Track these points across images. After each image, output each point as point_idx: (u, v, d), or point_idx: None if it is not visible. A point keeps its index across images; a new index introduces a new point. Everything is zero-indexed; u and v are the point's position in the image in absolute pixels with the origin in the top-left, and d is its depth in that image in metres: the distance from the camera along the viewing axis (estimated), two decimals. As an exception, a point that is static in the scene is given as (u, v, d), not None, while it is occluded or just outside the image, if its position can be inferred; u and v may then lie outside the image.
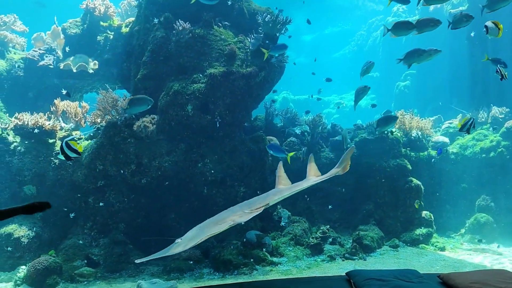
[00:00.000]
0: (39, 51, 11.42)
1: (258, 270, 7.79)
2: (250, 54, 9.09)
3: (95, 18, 11.46)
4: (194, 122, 8.69)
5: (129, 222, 8.49)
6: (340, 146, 10.79)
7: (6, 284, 7.37)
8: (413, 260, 8.43)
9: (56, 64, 11.22)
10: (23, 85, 11.34)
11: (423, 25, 7.16)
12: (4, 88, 11.16)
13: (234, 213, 4.94)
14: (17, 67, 11.37)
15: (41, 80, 11.30)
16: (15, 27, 12.25)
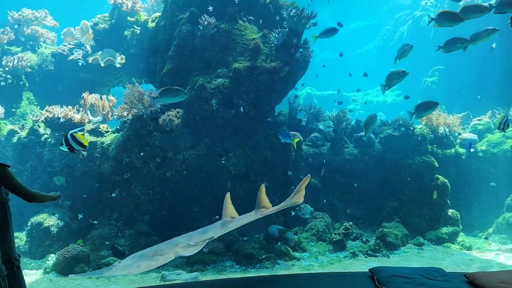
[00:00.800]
0: (68, 46, 11.73)
1: (280, 264, 7.81)
2: (275, 48, 9.07)
3: (122, 13, 11.67)
4: (218, 116, 8.75)
5: (154, 214, 8.64)
6: (365, 143, 10.67)
7: (36, 271, 7.64)
8: (438, 259, 8.29)
9: (84, 58, 11.49)
10: (53, 79, 11.69)
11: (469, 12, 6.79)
12: (36, 81, 11.53)
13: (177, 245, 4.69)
14: (48, 62, 11.71)
15: (70, 74, 11.61)
16: (46, 22, 12.61)
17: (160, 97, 7.61)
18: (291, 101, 11.51)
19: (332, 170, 10.40)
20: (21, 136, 9.33)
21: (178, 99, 7.80)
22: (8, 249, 2.78)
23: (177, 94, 7.62)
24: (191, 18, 9.27)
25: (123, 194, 8.64)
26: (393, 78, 7.92)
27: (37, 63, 11.68)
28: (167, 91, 7.64)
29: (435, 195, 9.63)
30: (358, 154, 10.55)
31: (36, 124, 9.43)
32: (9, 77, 10.81)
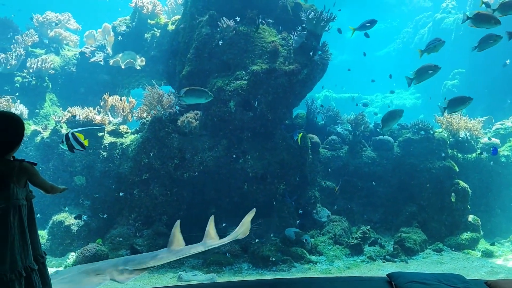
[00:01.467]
0: (90, 48, 11.97)
1: (297, 267, 7.79)
2: (293, 51, 9.07)
3: (143, 16, 11.85)
4: (236, 118, 8.79)
5: (171, 215, 8.71)
6: (384, 146, 10.57)
7: (57, 269, 7.79)
8: (458, 265, 8.14)
9: (106, 60, 11.70)
10: (75, 81, 11.95)
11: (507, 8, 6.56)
12: (58, 83, 11.80)
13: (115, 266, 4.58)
14: (70, 64, 11.97)
15: (92, 76, 11.84)
16: (69, 25, 12.90)
17: (185, 96, 7.67)
18: (309, 103, 11.49)
19: (350, 174, 10.33)
20: (44, 136, 9.55)
21: (202, 100, 7.89)
22: (34, 246, 2.85)
23: (201, 95, 7.71)
24: (211, 21, 9.35)
25: (141, 194, 8.75)
26: (425, 72, 7.49)
27: (60, 65, 11.95)
28: (192, 91, 7.70)
29: (453, 198, 9.45)
30: (377, 158, 10.45)
31: (58, 125, 9.64)
32: (33, 78, 11.09)
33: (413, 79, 7.59)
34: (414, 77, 7.57)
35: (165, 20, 12.08)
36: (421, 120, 10.98)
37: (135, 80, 12.09)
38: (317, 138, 10.31)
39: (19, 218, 2.71)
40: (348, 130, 11.19)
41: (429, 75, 7.47)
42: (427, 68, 7.41)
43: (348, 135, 11.01)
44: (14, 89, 10.86)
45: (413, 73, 7.62)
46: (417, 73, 7.56)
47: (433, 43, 7.52)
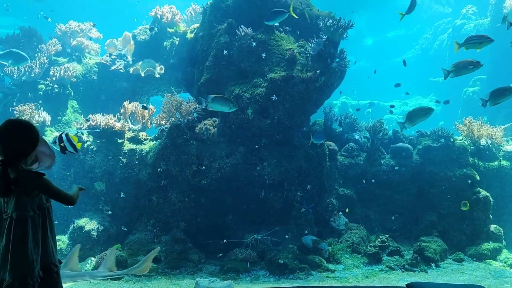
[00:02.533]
0: (111, 56, 12.20)
1: (314, 275, 7.74)
2: (311, 58, 9.08)
3: (162, 25, 12.05)
4: (254, 125, 8.84)
5: (189, 221, 8.79)
6: (403, 154, 10.45)
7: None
8: (479, 276, 7.96)
9: (126, 68, 11.92)
10: (96, 88, 12.20)
11: None
12: (80, 91, 12.06)
13: None
14: (91, 72, 12.23)
15: (112, 84, 12.07)
16: (91, 34, 13.19)
17: (212, 103, 7.82)
18: (326, 110, 11.46)
19: (368, 181, 10.24)
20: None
21: (226, 109, 7.97)
22: (47, 255, 2.87)
23: (227, 104, 7.86)
24: (229, 29, 9.45)
25: (159, 200, 8.84)
26: (465, 67, 7.02)
27: (82, 73, 12.23)
28: (219, 99, 7.84)
29: (466, 206, 9.21)
30: (395, 165, 10.34)
31: (79, 132, 9.84)
32: (56, 86, 11.36)
33: (451, 72, 7.19)
34: (452, 70, 7.18)
35: (184, 28, 12.24)
36: (440, 127, 10.83)
37: (154, 88, 12.27)
38: (334, 146, 10.26)
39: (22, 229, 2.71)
40: (366, 137, 11.11)
41: (469, 70, 7.02)
42: (468, 63, 6.97)
43: (366, 142, 10.93)
44: (38, 96, 11.14)
45: (452, 66, 7.22)
46: (456, 66, 7.16)
47: (478, 39, 6.89)
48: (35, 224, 2.77)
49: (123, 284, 7.36)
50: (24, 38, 12.03)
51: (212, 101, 7.86)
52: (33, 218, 2.75)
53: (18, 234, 2.70)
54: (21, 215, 2.71)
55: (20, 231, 2.70)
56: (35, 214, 2.75)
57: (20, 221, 2.71)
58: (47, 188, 2.78)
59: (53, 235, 2.95)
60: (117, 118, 9.89)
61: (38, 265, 2.77)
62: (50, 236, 2.90)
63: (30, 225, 2.73)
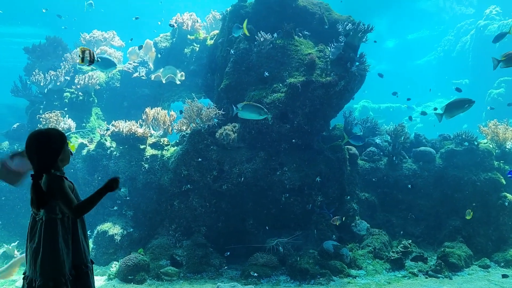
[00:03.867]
0: (133, 64, 12.46)
1: (336, 281, 7.69)
2: (330, 63, 9.07)
3: (183, 32, 12.24)
4: (274, 130, 8.87)
5: (210, 226, 8.86)
6: (425, 158, 10.30)
7: (101, 277, 8.07)
8: (506, 282, 7.76)
9: (147, 75, 12.15)
10: (119, 95, 12.45)
11: None
12: (103, 98, 12.33)
13: None
14: (114, 79, 12.50)
15: (134, 90, 12.31)
16: (114, 42, 13.50)
17: (242, 111, 7.86)
18: (346, 115, 11.40)
19: (390, 186, 10.13)
20: (90, 149, 10.00)
21: (257, 116, 7.98)
22: (78, 255, 2.96)
23: (257, 111, 7.85)
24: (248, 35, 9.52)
25: (181, 205, 8.95)
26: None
27: (105, 81, 12.51)
28: (250, 106, 7.84)
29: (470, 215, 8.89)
30: (417, 170, 10.19)
31: (103, 138, 10.06)
32: (81, 94, 11.66)
33: (501, 62, 7.04)
34: (503, 60, 7.01)
35: (204, 35, 12.41)
36: (464, 130, 10.63)
37: (175, 94, 12.45)
38: (355, 150, 10.19)
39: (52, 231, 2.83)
40: (387, 141, 10.99)
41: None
42: None
43: (387, 146, 10.82)
44: (63, 104, 11.45)
45: (503, 56, 7.06)
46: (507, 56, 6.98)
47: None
48: (65, 226, 2.87)
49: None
50: (50, 47, 12.40)
51: (243, 108, 7.85)
52: (63, 220, 2.86)
53: (48, 236, 2.82)
54: (50, 217, 2.83)
55: (50, 233, 2.82)
56: (64, 217, 2.86)
57: (50, 223, 2.83)
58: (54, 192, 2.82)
59: (85, 236, 3.06)
60: (139, 124, 10.07)
61: (69, 265, 2.87)
62: (82, 237, 3.01)
63: (60, 227, 2.84)
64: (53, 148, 2.89)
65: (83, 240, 3.02)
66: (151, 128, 10.33)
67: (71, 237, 2.91)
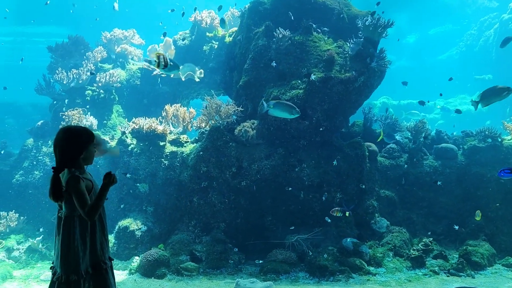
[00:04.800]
0: (153, 62, 12.58)
1: (355, 278, 7.65)
2: (349, 59, 8.99)
3: (201, 30, 12.31)
4: (292, 127, 8.85)
5: (229, 222, 8.92)
6: (447, 154, 10.12)
7: (122, 271, 8.22)
8: (531, 283, 7.58)
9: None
10: (139, 93, 12.62)
11: None
12: (124, 95, 12.52)
13: None
14: (135, 77, 12.67)
15: (154, 88, 12.45)
16: (134, 41, 13.68)
17: (273, 108, 7.84)
18: (365, 111, 11.29)
19: (410, 183, 10.00)
20: (111, 146, 10.16)
21: (287, 115, 7.93)
22: (95, 253, 3.00)
23: (288, 110, 7.80)
24: (266, 32, 9.52)
25: (200, 202, 9.02)
26: None
27: (126, 78, 12.70)
28: (280, 105, 7.80)
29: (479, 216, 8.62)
30: (439, 167, 10.03)
31: (124, 135, 10.22)
32: (102, 91, 11.86)
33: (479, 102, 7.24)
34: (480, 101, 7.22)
35: (223, 32, 12.45)
36: (487, 126, 10.40)
37: (194, 91, 12.55)
38: (374, 146, 10.09)
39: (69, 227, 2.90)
40: (408, 138, 10.85)
41: None
42: None
43: (407, 143, 10.67)
44: (85, 101, 11.68)
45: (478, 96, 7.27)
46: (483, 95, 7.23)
47: None
48: (83, 224, 2.93)
49: (165, 283, 7.58)
50: (72, 46, 12.64)
51: (274, 106, 7.81)
52: (81, 218, 2.92)
53: (65, 232, 2.89)
54: (68, 214, 2.91)
55: (68, 229, 2.89)
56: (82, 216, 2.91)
57: (68, 220, 2.90)
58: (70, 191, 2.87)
59: (105, 234, 3.11)
60: (159, 122, 10.19)
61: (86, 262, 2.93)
62: (100, 235, 3.05)
63: (77, 224, 2.91)
64: (76, 145, 2.96)
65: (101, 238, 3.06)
66: (170, 125, 10.43)
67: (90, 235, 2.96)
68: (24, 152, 11.54)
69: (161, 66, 6.29)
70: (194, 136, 10.36)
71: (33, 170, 11.06)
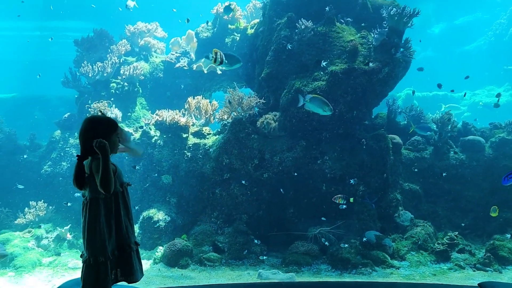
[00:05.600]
0: (175, 54, 12.69)
1: (378, 271, 7.59)
2: (373, 49, 8.84)
3: (224, 22, 12.30)
4: (315, 119, 8.78)
5: (251, 214, 8.96)
6: (474, 147, 9.87)
7: (147, 261, 8.39)
8: (562, 279, 7.35)
9: (189, 65, 12.34)
10: (162, 85, 12.75)
11: None
12: (147, 88, 12.68)
13: None
14: (158, 69, 12.81)
15: (177, 80, 12.55)
16: (157, 33, 13.80)
17: (309, 102, 7.79)
18: (389, 103, 11.10)
19: (436, 176, 9.80)
20: (135, 138, 10.33)
21: (320, 111, 7.84)
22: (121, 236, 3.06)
23: (322, 106, 7.71)
24: (289, 23, 9.45)
25: (222, 193, 9.09)
26: None
27: (149, 71, 12.84)
28: (316, 100, 7.72)
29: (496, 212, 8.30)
30: (465, 160, 9.80)
31: (147, 127, 10.36)
32: (126, 84, 12.04)
33: None
34: None
35: (245, 24, 12.41)
36: None
37: (217, 84, 12.58)
38: (398, 139, 9.92)
39: (94, 210, 2.96)
40: (433, 130, 10.61)
41: None
42: None
43: (433, 135, 10.45)
44: (110, 94, 11.88)
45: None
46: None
47: None
48: (108, 207, 3.00)
49: (189, 272, 7.69)
50: (97, 39, 12.84)
51: (310, 100, 7.75)
52: (106, 201, 2.98)
53: (91, 215, 2.98)
54: (93, 196, 2.99)
55: (93, 211, 2.97)
56: (106, 198, 2.98)
57: (93, 202, 2.98)
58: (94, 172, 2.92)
59: (129, 219, 3.17)
60: (181, 114, 10.27)
61: (112, 244, 3.00)
62: (125, 219, 3.12)
63: (102, 207, 2.98)
64: (96, 134, 3.00)
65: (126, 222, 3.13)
66: (193, 117, 10.51)
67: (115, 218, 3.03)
68: (52, 143, 11.86)
69: (217, 62, 6.70)
70: (216, 128, 10.42)
71: (60, 161, 11.35)
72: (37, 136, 12.65)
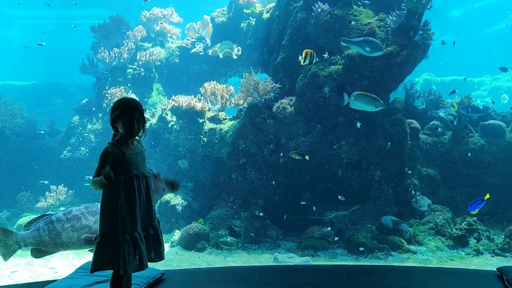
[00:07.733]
0: (191, 40, 12.69)
1: (394, 256, 7.57)
2: (391, 32, 8.68)
3: (239, 6, 12.21)
4: (331, 104, 8.72)
5: (267, 199, 9.00)
6: (494, 132, 9.68)
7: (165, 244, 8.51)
8: None
9: (205, 51, 12.33)
10: (178, 71, 12.79)
11: None
12: (163, 73, 12.73)
13: None
14: (174, 55, 12.84)
15: (193, 66, 12.57)
16: (172, 19, 13.79)
17: (354, 100, 7.46)
18: (407, 87, 10.92)
19: (454, 161, 9.66)
20: (152, 123, 10.43)
21: (371, 108, 7.51)
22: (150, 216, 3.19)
23: (372, 102, 7.37)
24: (305, 6, 9.33)
25: (238, 178, 9.14)
26: None
27: (165, 57, 12.88)
28: (362, 96, 7.39)
29: None
30: (485, 145, 9.62)
31: (164, 112, 10.44)
32: (142, 70, 12.10)
33: None
34: None
35: (260, 8, 12.30)
36: (540, 102, 9.83)
37: (232, 69, 12.56)
38: (416, 124, 9.78)
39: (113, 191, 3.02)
40: (452, 114, 10.43)
41: None
42: None
43: (452, 119, 10.27)
44: (127, 80, 11.97)
45: None
46: None
47: None
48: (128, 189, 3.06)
49: (205, 256, 7.80)
50: (114, 26, 12.90)
51: (355, 98, 7.35)
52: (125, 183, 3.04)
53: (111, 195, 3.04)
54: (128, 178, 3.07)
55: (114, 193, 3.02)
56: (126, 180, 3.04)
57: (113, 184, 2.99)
58: None
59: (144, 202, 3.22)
60: (197, 99, 10.31)
61: (140, 224, 3.08)
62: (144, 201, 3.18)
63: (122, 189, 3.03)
64: (111, 115, 3.09)
65: (154, 204, 3.21)
66: (209, 103, 10.54)
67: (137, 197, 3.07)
68: (70, 129, 12.06)
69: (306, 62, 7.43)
70: (232, 114, 10.43)
71: (79, 146, 11.55)
72: (56, 122, 12.87)
